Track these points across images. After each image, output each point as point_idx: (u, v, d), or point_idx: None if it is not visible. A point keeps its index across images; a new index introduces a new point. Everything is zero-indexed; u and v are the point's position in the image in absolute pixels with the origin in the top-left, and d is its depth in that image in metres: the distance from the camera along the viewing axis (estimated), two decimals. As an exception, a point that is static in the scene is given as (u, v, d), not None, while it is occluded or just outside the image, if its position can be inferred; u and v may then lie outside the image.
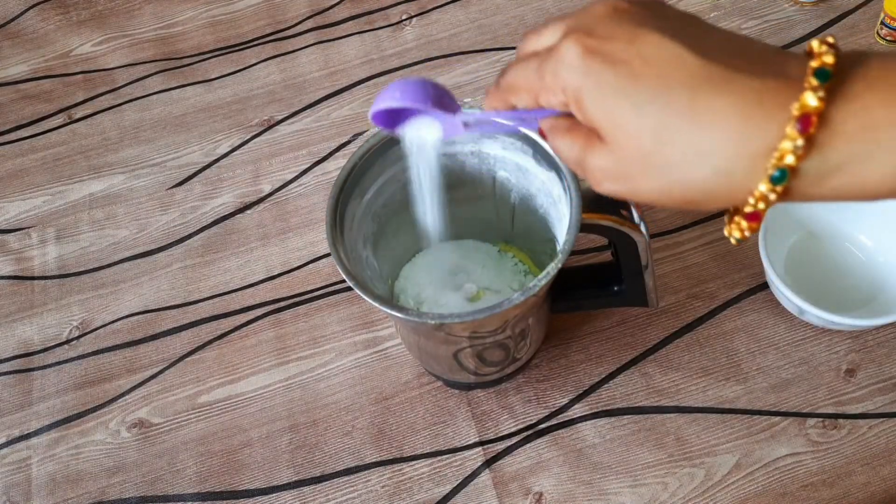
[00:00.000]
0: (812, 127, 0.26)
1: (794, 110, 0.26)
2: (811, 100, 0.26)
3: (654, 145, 0.28)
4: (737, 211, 0.30)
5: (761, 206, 0.27)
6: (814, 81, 0.26)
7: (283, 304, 0.67)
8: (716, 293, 0.64)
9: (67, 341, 0.67)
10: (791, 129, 0.26)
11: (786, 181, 0.26)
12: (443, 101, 0.37)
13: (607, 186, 0.31)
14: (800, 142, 0.26)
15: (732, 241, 0.30)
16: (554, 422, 0.59)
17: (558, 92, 0.30)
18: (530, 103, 0.32)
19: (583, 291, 0.57)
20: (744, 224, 0.29)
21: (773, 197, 0.27)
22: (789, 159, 0.26)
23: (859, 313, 0.59)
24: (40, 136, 0.81)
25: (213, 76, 0.83)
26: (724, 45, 0.28)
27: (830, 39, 0.28)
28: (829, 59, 0.26)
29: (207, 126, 0.80)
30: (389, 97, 0.37)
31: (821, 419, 0.57)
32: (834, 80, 0.26)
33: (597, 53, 0.28)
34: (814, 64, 0.26)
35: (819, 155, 0.26)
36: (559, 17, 0.32)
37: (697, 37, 0.28)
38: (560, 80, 0.30)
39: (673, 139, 0.27)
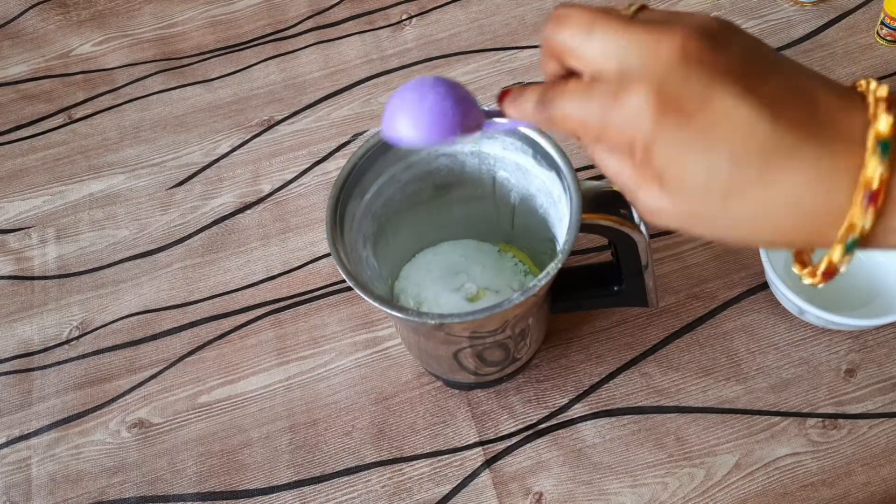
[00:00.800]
0: (880, 200, 0.26)
1: (862, 184, 0.26)
2: (877, 172, 0.26)
3: (722, 207, 0.28)
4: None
5: (833, 266, 0.29)
6: (877, 155, 0.26)
7: (283, 304, 0.67)
8: (716, 293, 0.64)
9: (67, 341, 0.67)
10: (859, 205, 0.26)
11: (856, 248, 0.27)
12: (469, 121, 0.33)
13: (660, 223, 0.30)
14: (869, 215, 0.26)
15: (808, 278, 0.31)
16: (554, 422, 0.59)
17: (624, 140, 0.29)
18: (579, 135, 0.31)
19: (583, 291, 0.57)
20: (818, 276, 0.30)
21: (846, 260, 0.28)
22: (857, 231, 0.27)
23: (859, 313, 0.59)
24: (40, 136, 0.81)
25: (213, 76, 0.83)
26: (790, 93, 0.28)
27: (883, 92, 0.27)
28: (884, 129, 0.26)
29: (207, 126, 0.80)
30: (410, 127, 0.32)
31: (821, 419, 0.57)
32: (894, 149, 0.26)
33: (669, 109, 0.28)
34: (873, 135, 0.26)
35: (885, 220, 0.27)
36: (619, 25, 0.29)
37: (764, 78, 0.28)
38: (630, 130, 0.29)
39: (742, 203, 0.28)
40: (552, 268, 0.44)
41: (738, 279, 0.64)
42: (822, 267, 0.29)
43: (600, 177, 0.71)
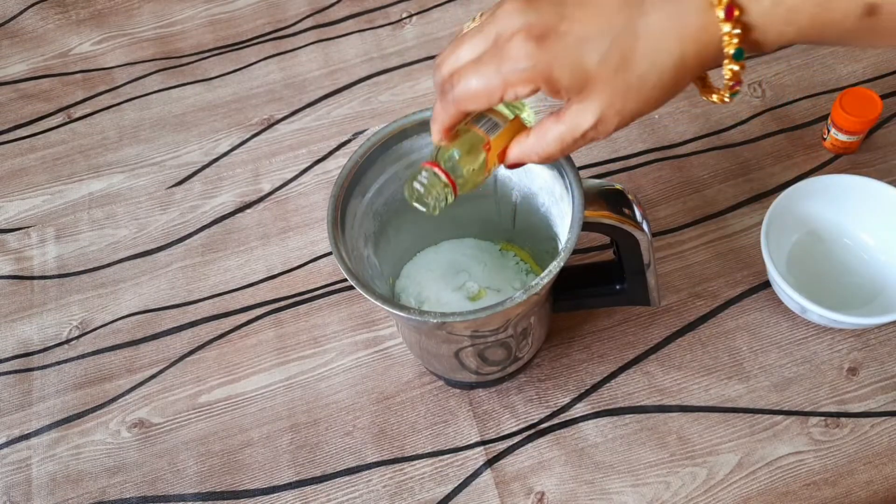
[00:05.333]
0: (735, 11, 0.33)
1: (717, 9, 0.33)
2: None
3: (624, 70, 0.34)
4: (705, 79, 0.38)
5: (737, 68, 0.35)
6: None
7: (283, 303, 0.67)
8: (718, 292, 0.64)
9: (67, 341, 0.67)
10: (722, 23, 0.33)
11: (742, 56, 0.35)
12: None
13: (609, 126, 0.36)
14: (733, 28, 0.33)
15: (721, 98, 0.38)
16: (556, 421, 0.59)
17: (526, 83, 0.35)
18: (488, 104, 0.37)
19: (585, 290, 0.57)
20: (726, 90, 0.36)
21: (741, 67, 0.35)
22: (734, 41, 0.34)
23: (861, 312, 0.59)
24: (39, 136, 0.81)
25: (212, 75, 0.83)
26: None
27: None
28: None
29: (207, 125, 0.79)
30: None
31: (823, 418, 0.57)
32: None
33: (543, 35, 0.34)
34: None
35: (751, 26, 0.34)
36: (468, 34, 0.37)
37: None
38: (526, 71, 0.35)
39: (635, 58, 0.34)
40: (554, 266, 0.44)
41: (740, 278, 0.64)
42: (726, 81, 0.36)
43: (602, 175, 0.71)
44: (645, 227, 0.48)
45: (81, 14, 0.90)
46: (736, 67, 0.35)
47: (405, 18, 0.85)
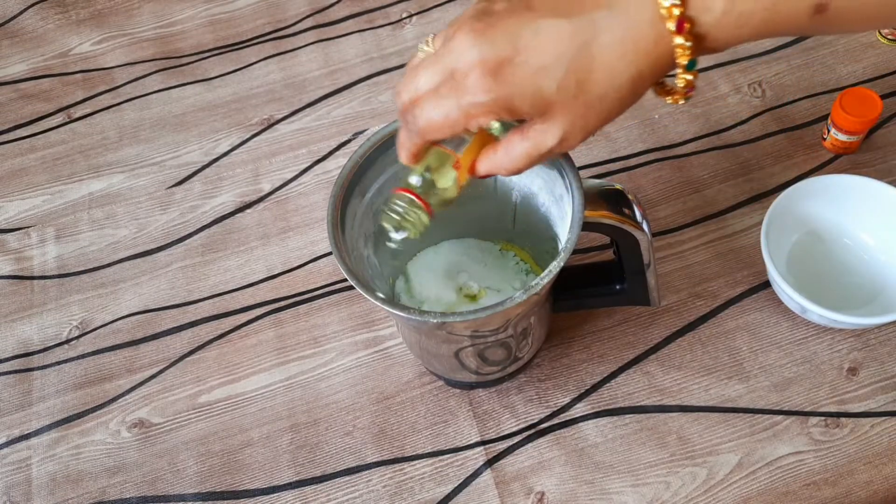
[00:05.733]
0: (686, 25, 0.34)
1: (665, 17, 0.34)
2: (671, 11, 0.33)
3: (583, 93, 0.35)
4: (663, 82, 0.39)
5: (690, 77, 0.36)
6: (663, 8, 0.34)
7: (283, 303, 0.67)
8: (718, 292, 0.64)
9: (67, 341, 0.67)
10: (674, 36, 0.34)
11: (696, 66, 0.35)
12: None
13: (573, 142, 0.37)
14: (685, 41, 0.34)
15: (676, 100, 0.38)
16: (556, 421, 0.59)
17: (488, 114, 0.36)
18: (451, 134, 0.38)
19: (584, 290, 0.57)
20: (688, 77, 0.36)
21: (691, 76, 0.36)
22: (687, 53, 0.34)
23: (861, 312, 0.59)
24: (39, 136, 0.81)
25: (212, 75, 0.83)
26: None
27: None
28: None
29: (207, 125, 0.79)
30: None
31: (823, 418, 0.57)
32: None
33: (498, 67, 0.34)
34: None
35: (703, 35, 0.34)
36: (424, 63, 0.37)
37: (539, 3, 0.36)
38: (486, 105, 0.35)
39: (592, 79, 0.35)
40: (554, 266, 0.44)
41: (740, 278, 0.64)
42: (680, 88, 0.37)
43: (602, 175, 0.71)
44: (645, 227, 0.48)
45: (81, 14, 0.90)
46: (689, 77, 0.36)
47: (405, 18, 0.85)
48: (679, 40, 0.34)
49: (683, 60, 0.35)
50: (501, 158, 0.40)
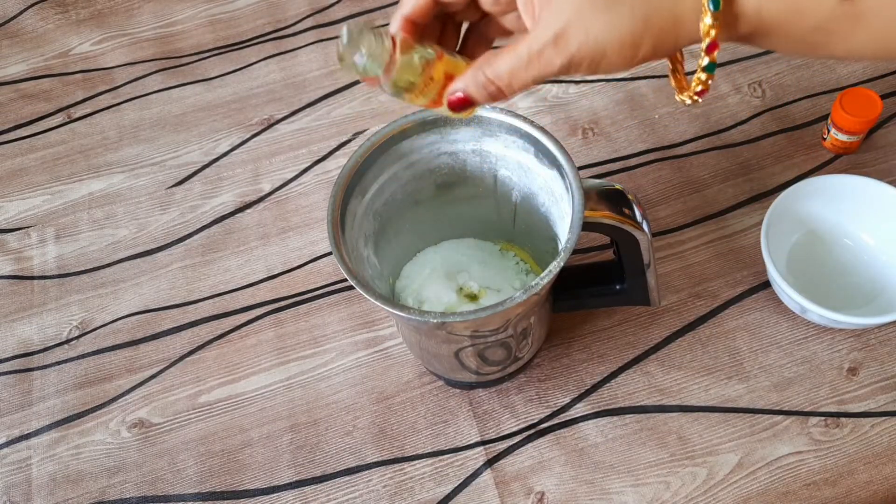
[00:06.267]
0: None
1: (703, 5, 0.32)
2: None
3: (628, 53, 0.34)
4: (677, 70, 0.38)
5: (703, 76, 0.35)
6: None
7: (283, 303, 0.67)
8: (718, 292, 0.64)
9: (67, 341, 0.67)
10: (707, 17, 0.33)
11: (714, 69, 0.35)
12: None
13: (570, 44, 0.34)
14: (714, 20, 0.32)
15: (688, 100, 0.37)
16: (556, 421, 0.59)
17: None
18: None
19: (584, 290, 0.57)
20: (702, 76, 0.35)
21: (705, 76, 0.35)
22: (713, 32, 0.33)
23: (861, 312, 0.59)
24: (39, 136, 0.81)
25: (212, 75, 0.83)
26: None
27: None
28: None
29: (207, 125, 0.79)
30: None
31: (823, 418, 0.57)
32: None
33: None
34: None
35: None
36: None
37: None
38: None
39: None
40: (554, 266, 0.44)
41: (740, 278, 0.64)
42: (694, 86, 0.36)
43: (602, 175, 0.71)
44: (645, 227, 0.48)
45: (81, 14, 0.90)
46: (703, 76, 0.36)
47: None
48: (708, 20, 0.33)
49: (707, 39, 0.33)
50: (490, 58, 0.36)
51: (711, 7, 0.32)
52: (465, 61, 0.39)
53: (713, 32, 0.33)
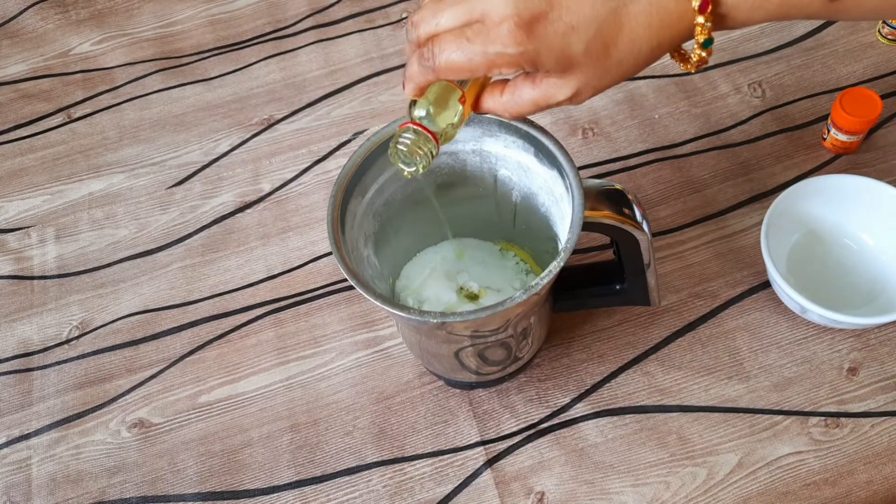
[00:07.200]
0: (709, 6, 0.36)
1: (693, 1, 0.36)
2: None
3: (606, 57, 0.37)
4: (676, 50, 0.41)
5: (704, 54, 0.39)
6: None
7: (283, 303, 0.67)
8: (718, 292, 0.64)
9: (67, 341, 0.67)
10: (696, 14, 0.36)
11: (711, 45, 0.38)
12: None
13: (582, 99, 0.39)
14: (706, 21, 0.36)
15: (692, 66, 0.40)
16: (556, 421, 0.59)
17: (511, 66, 0.37)
18: (468, 76, 0.39)
19: (585, 290, 0.57)
20: (702, 53, 0.39)
21: (705, 53, 0.39)
22: (705, 32, 0.37)
23: (861, 312, 0.59)
24: (39, 136, 0.81)
25: (212, 75, 0.83)
26: None
27: None
28: None
29: (207, 125, 0.79)
30: None
31: (823, 418, 0.57)
32: None
33: (532, 22, 0.35)
34: None
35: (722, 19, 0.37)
36: (453, 1, 0.38)
37: None
38: (513, 56, 0.36)
39: (616, 44, 0.36)
40: (554, 266, 0.44)
41: (740, 278, 0.64)
42: (694, 61, 0.40)
43: (602, 175, 0.71)
44: (645, 227, 0.48)
45: (81, 14, 0.90)
46: (704, 54, 0.39)
47: (405, 18, 0.85)
48: (700, 19, 0.36)
49: (701, 38, 0.37)
50: (507, 101, 0.41)
51: (704, 45, 0.38)
52: (472, 83, 0.42)
53: (707, 28, 0.38)
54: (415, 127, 0.42)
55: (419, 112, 0.42)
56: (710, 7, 0.36)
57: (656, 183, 0.70)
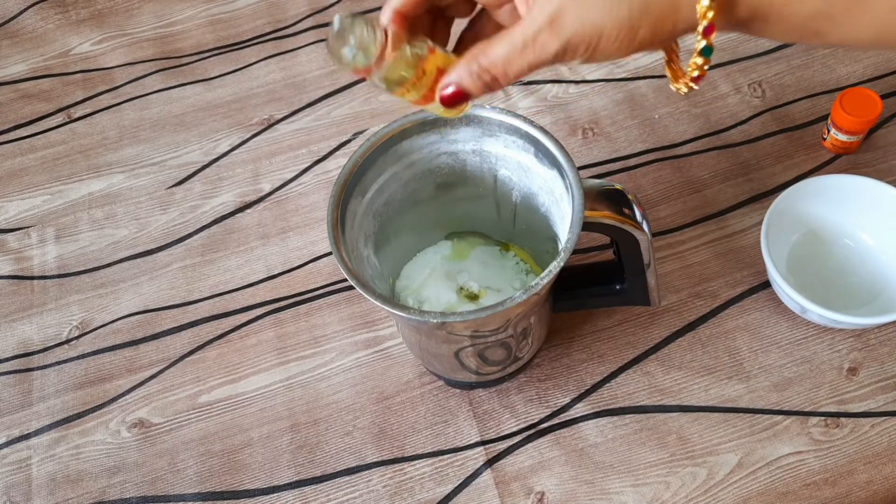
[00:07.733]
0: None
1: None
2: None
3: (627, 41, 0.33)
4: (672, 61, 0.37)
5: (700, 61, 0.34)
6: None
7: (283, 303, 0.67)
8: (718, 292, 0.64)
9: (67, 341, 0.67)
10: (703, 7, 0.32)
11: (710, 54, 0.34)
12: None
13: (565, 27, 0.33)
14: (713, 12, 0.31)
15: (684, 88, 0.36)
16: (556, 421, 0.59)
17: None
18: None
19: (585, 290, 0.57)
20: (699, 61, 0.34)
21: (701, 60, 0.34)
22: (710, 14, 0.32)
23: (861, 312, 0.59)
24: (39, 136, 0.81)
25: (212, 75, 0.83)
26: None
27: None
28: None
29: (207, 125, 0.79)
30: None
31: (823, 418, 0.57)
32: None
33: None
34: None
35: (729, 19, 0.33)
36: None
37: None
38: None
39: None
40: (554, 266, 0.44)
41: (740, 278, 0.64)
42: (690, 72, 0.35)
43: (602, 175, 0.71)
44: (645, 227, 0.48)
45: (81, 14, 0.90)
46: (700, 61, 0.34)
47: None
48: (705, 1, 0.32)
49: (704, 21, 0.32)
50: (484, 46, 0.36)
51: (702, 53, 0.33)
52: (456, 58, 0.38)
53: (710, 14, 0.32)
54: (370, 19, 0.36)
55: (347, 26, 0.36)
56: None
57: (656, 183, 0.70)
